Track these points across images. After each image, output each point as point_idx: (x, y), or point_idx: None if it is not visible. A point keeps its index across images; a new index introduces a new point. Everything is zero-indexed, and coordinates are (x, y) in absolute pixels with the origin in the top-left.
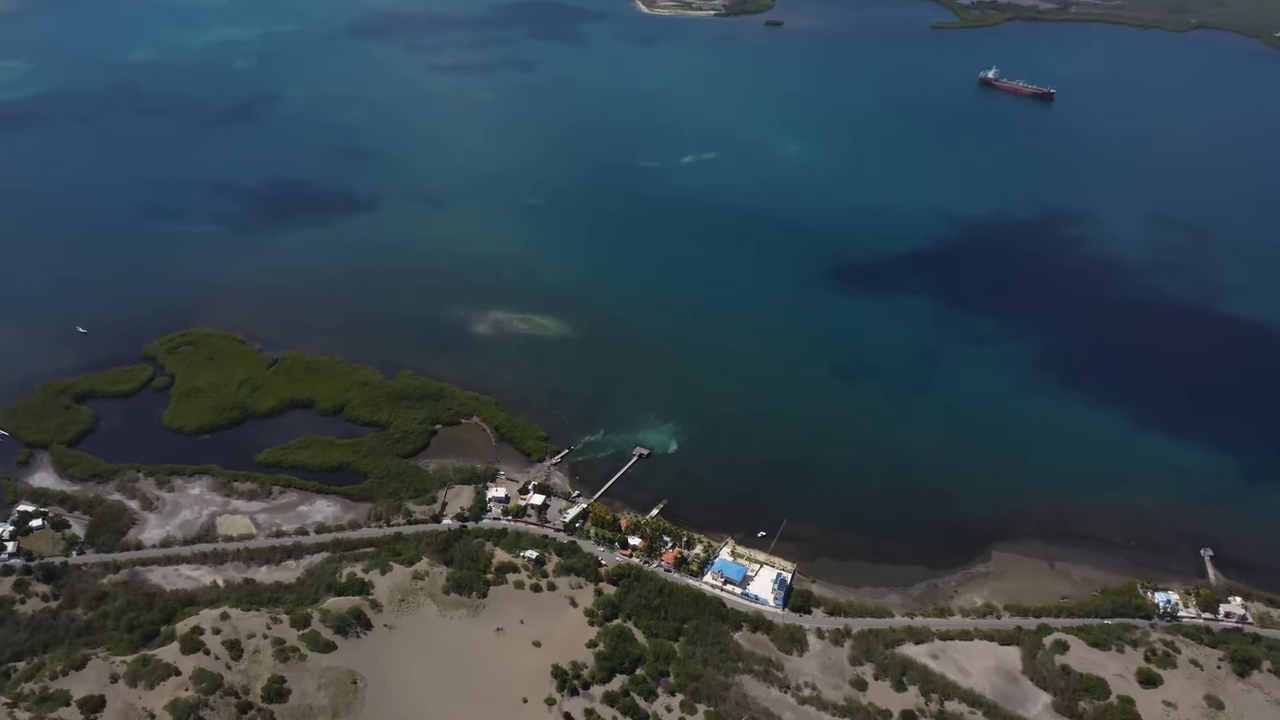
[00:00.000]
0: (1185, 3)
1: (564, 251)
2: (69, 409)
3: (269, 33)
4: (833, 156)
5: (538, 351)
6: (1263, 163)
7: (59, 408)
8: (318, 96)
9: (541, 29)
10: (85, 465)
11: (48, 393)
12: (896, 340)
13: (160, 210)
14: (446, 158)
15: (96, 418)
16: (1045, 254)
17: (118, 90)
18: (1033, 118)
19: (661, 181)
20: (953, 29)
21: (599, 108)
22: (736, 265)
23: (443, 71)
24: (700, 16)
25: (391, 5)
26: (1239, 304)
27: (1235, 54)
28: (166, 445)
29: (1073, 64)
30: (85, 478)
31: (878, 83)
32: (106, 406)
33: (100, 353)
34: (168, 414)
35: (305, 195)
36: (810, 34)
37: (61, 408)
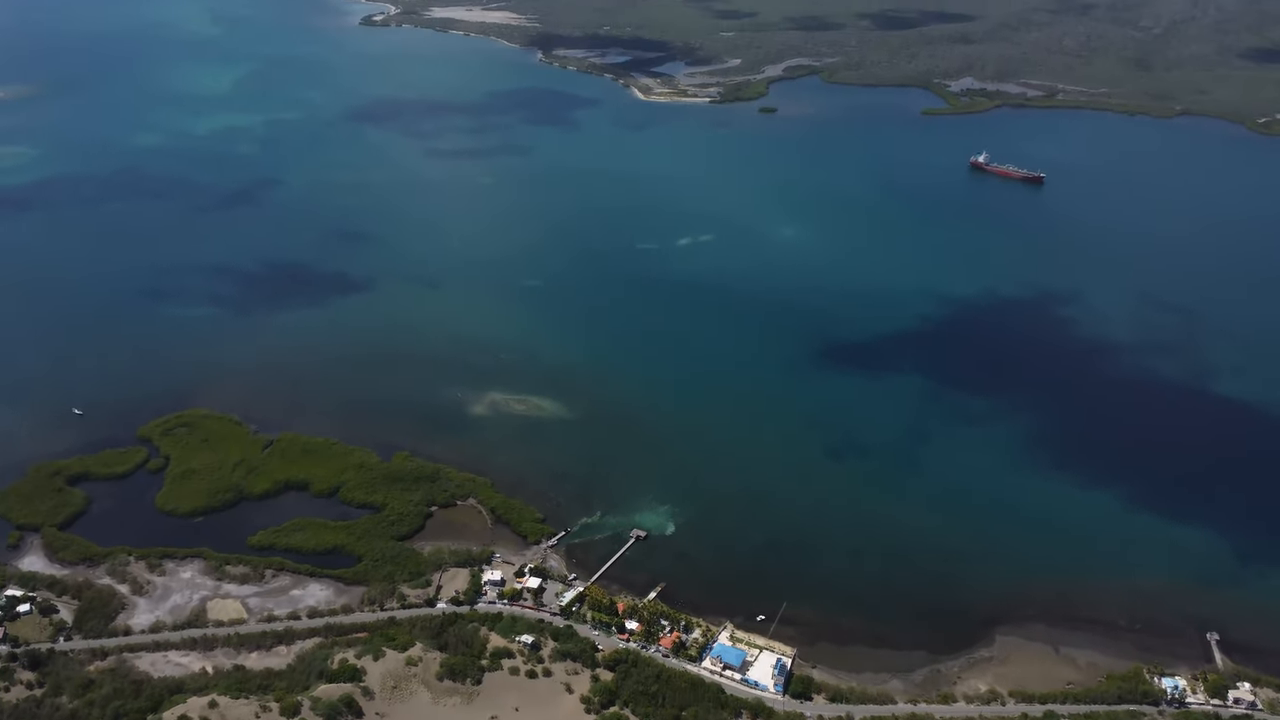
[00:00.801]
0: (1168, 90)
1: (561, 333)
2: (61, 491)
3: (272, 119)
4: (827, 239)
5: (535, 433)
6: (1251, 246)
7: (51, 490)
8: (316, 181)
9: (538, 115)
10: (76, 548)
11: (41, 475)
12: (891, 420)
13: (159, 292)
14: (443, 240)
15: (89, 500)
16: (1036, 334)
17: (121, 175)
18: (1023, 201)
19: (659, 263)
20: (943, 115)
21: (596, 191)
22: (733, 346)
23: (439, 156)
24: (695, 103)
25: (390, 92)
26: (1230, 384)
27: (1220, 140)
28: (159, 528)
29: (1062, 149)
30: (76, 561)
31: (870, 167)
32: (100, 489)
33: (96, 434)
34: (161, 496)
35: (302, 277)
36: (803, 120)
37: (54, 490)
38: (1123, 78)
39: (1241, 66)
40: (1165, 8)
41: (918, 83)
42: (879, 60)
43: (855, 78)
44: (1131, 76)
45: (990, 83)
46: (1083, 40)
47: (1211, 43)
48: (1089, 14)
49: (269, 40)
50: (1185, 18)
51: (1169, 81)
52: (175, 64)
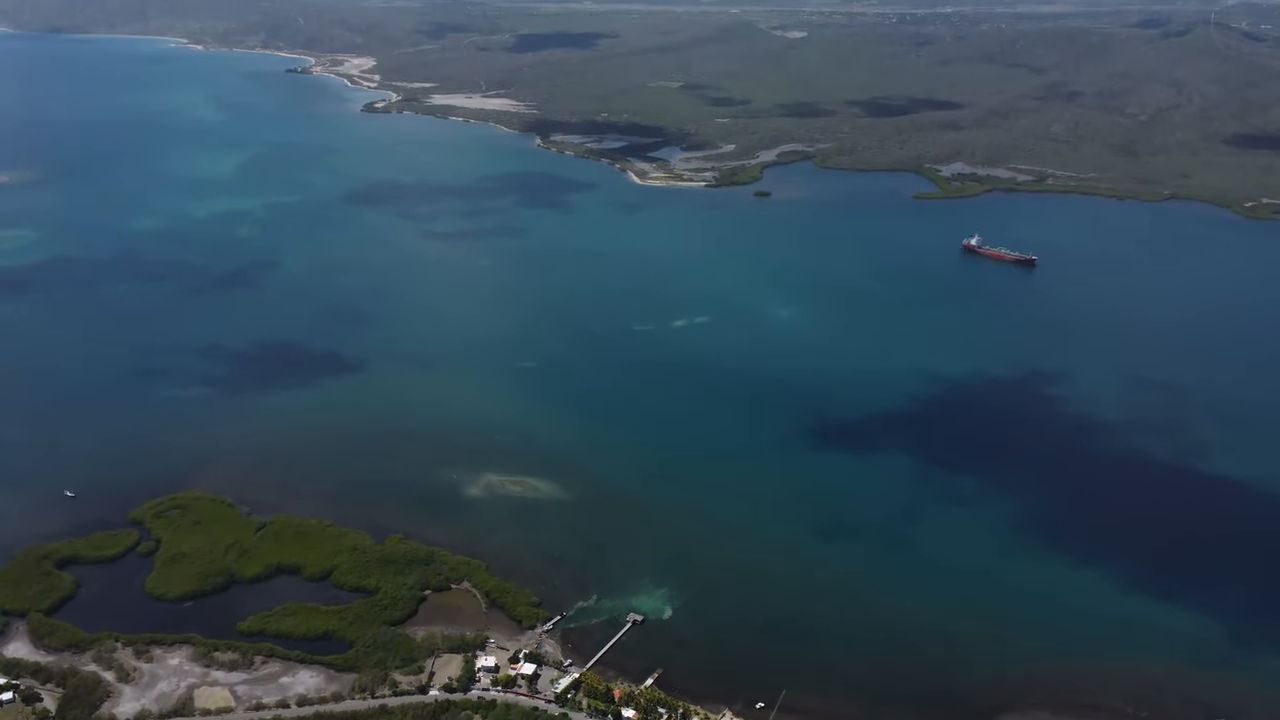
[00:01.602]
0: (1155, 175)
1: (557, 414)
2: (50, 575)
3: (272, 203)
4: (822, 320)
5: (530, 514)
6: (1240, 327)
7: (40, 574)
8: (313, 263)
9: (534, 198)
10: (62, 634)
11: (29, 558)
12: (885, 499)
13: (153, 373)
14: (438, 321)
15: (77, 584)
16: (1027, 414)
17: (119, 258)
18: (1015, 283)
19: (655, 345)
20: (934, 199)
21: (592, 273)
22: (729, 426)
23: (435, 238)
24: (691, 187)
25: (389, 176)
26: (1222, 463)
27: (1209, 223)
28: (149, 613)
29: (1053, 232)
30: (61, 648)
31: (864, 250)
32: (89, 572)
33: (87, 517)
34: (151, 580)
35: (297, 358)
36: (797, 204)
37: (42, 574)
38: (1111, 163)
39: (1226, 152)
40: (1150, 96)
41: (909, 167)
42: (870, 146)
43: (848, 163)
44: (1119, 162)
45: (981, 167)
46: (1070, 127)
47: (1196, 129)
48: (1075, 101)
49: (272, 126)
50: (1170, 105)
51: (1156, 166)
52: (178, 150)
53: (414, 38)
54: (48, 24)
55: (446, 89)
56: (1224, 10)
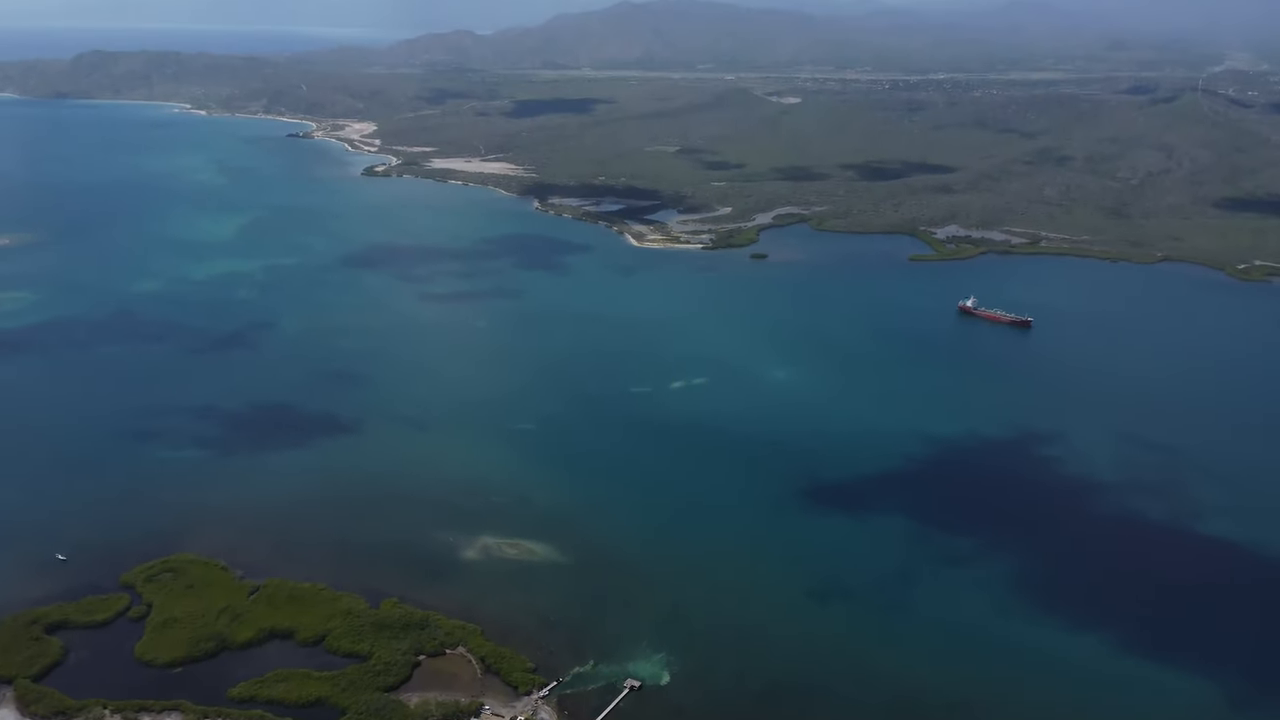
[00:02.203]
0: (1147, 237)
1: (554, 475)
2: (38, 640)
3: (271, 265)
4: (819, 381)
5: (527, 578)
6: (1235, 387)
7: (28, 639)
8: (310, 324)
9: (532, 260)
10: (49, 702)
11: (18, 624)
12: (881, 560)
13: (147, 435)
14: (434, 382)
15: (66, 650)
16: (1023, 474)
17: (116, 318)
18: (1011, 344)
19: (653, 406)
20: (929, 261)
21: (589, 334)
22: (726, 487)
23: (432, 300)
24: (688, 249)
25: (388, 239)
26: (1218, 524)
27: (1202, 285)
28: (138, 679)
29: (1048, 294)
30: (48, 715)
31: (861, 311)
32: (78, 638)
33: (78, 580)
34: (141, 645)
35: (292, 419)
36: (794, 266)
37: (31, 639)
38: (1103, 225)
39: (1216, 215)
40: (1141, 160)
41: (904, 230)
42: (865, 209)
43: (843, 225)
44: (1111, 224)
45: (975, 230)
46: (1063, 190)
47: (1186, 193)
48: (1067, 165)
49: (273, 190)
50: (1160, 169)
51: (1148, 229)
52: (179, 212)
53: (414, 103)
54: (54, 90)
55: (446, 153)
56: (1211, 77)
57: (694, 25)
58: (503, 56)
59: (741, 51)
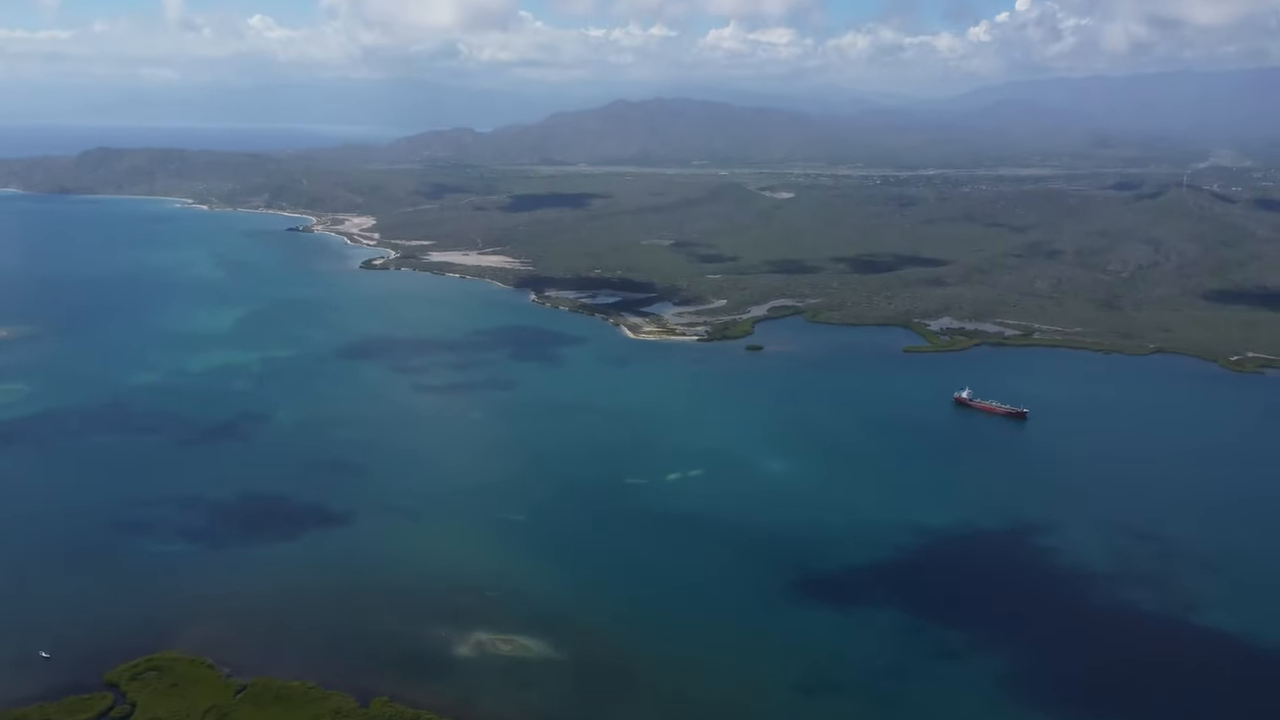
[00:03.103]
0: (1138, 329)
1: (549, 569)
2: None
3: (267, 357)
4: (814, 473)
5: (521, 674)
6: (1231, 479)
7: None
8: (304, 415)
9: (526, 351)
10: None
11: None
12: (874, 654)
13: (135, 527)
14: (428, 473)
15: None
16: (1018, 566)
17: (109, 410)
18: (1006, 436)
19: (648, 498)
20: (924, 353)
21: (584, 426)
22: (722, 580)
23: (426, 391)
24: (683, 341)
25: (384, 331)
26: (1213, 616)
27: (1196, 376)
28: None
29: (1043, 385)
30: None
31: (856, 403)
32: None
33: (60, 679)
34: None
35: (282, 511)
36: (789, 358)
37: None
38: (1095, 317)
39: (1206, 307)
40: (1130, 253)
41: (898, 322)
42: (859, 301)
43: (838, 317)
44: (1103, 316)
45: (968, 322)
46: (1054, 283)
47: (1176, 285)
48: (1057, 258)
49: (271, 283)
50: (1149, 262)
51: (1139, 321)
52: (177, 306)
53: (413, 198)
54: (58, 185)
55: (444, 246)
56: (1195, 174)
57: (688, 123)
58: (501, 153)
59: (735, 148)
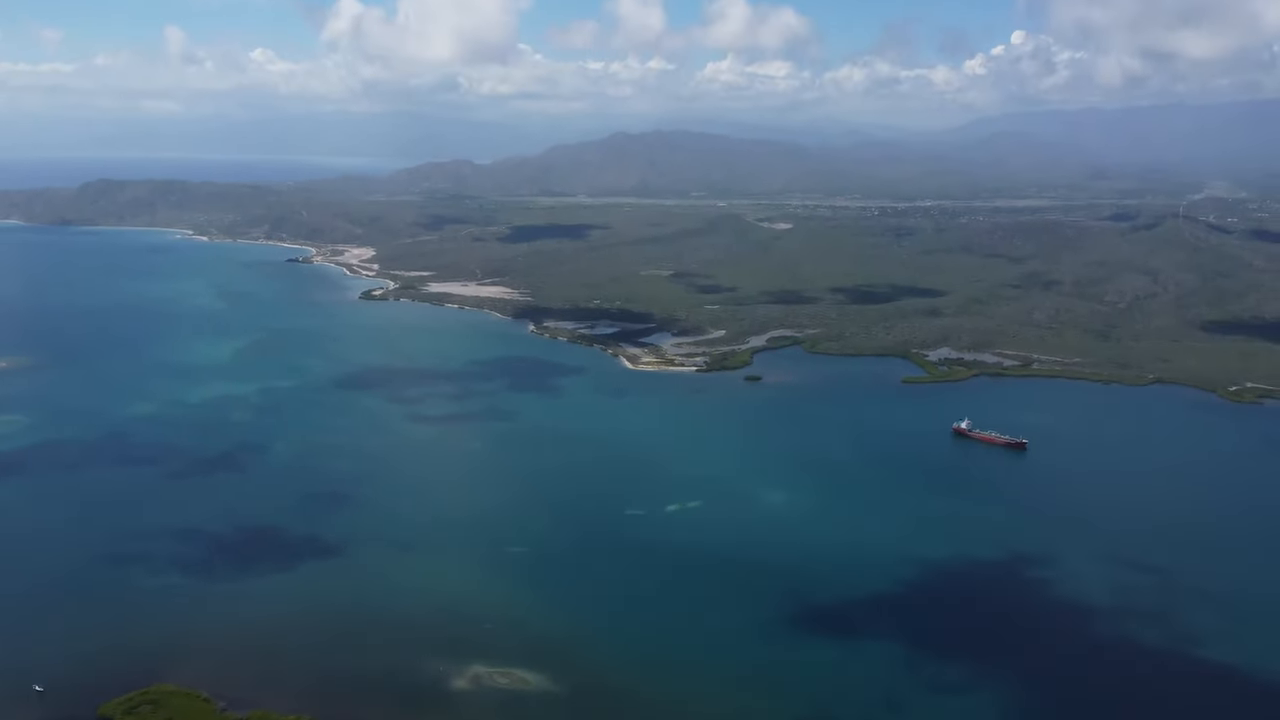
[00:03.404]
0: (1137, 359)
1: (547, 601)
2: None
3: (266, 388)
4: (813, 504)
5: (519, 708)
6: (1229, 509)
7: None
8: (302, 446)
9: (525, 381)
10: None
11: None
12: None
13: (130, 559)
14: (426, 504)
15: None
16: (1016, 598)
17: (107, 441)
18: (1006, 467)
19: (648, 529)
20: (922, 384)
21: (583, 457)
22: (721, 612)
23: (424, 421)
24: (682, 372)
25: (382, 361)
26: (1216, 649)
27: (1195, 407)
28: None
29: (1042, 416)
30: None
31: (855, 434)
32: None
33: (55, 713)
34: None
35: (279, 541)
36: (788, 388)
37: None
38: (1093, 348)
39: (1204, 338)
40: (1127, 284)
41: (896, 352)
42: (857, 331)
43: (836, 348)
44: (1101, 347)
45: (967, 352)
46: (1052, 313)
47: (1173, 315)
48: (1054, 289)
49: (271, 314)
50: (1147, 293)
51: (1137, 351)
52: (177, 336)
53: (413, 229)
54: (59, 217)
55: (443, 277)
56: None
57: (687, 155)
58: (501, 185)
59: (734, 180)
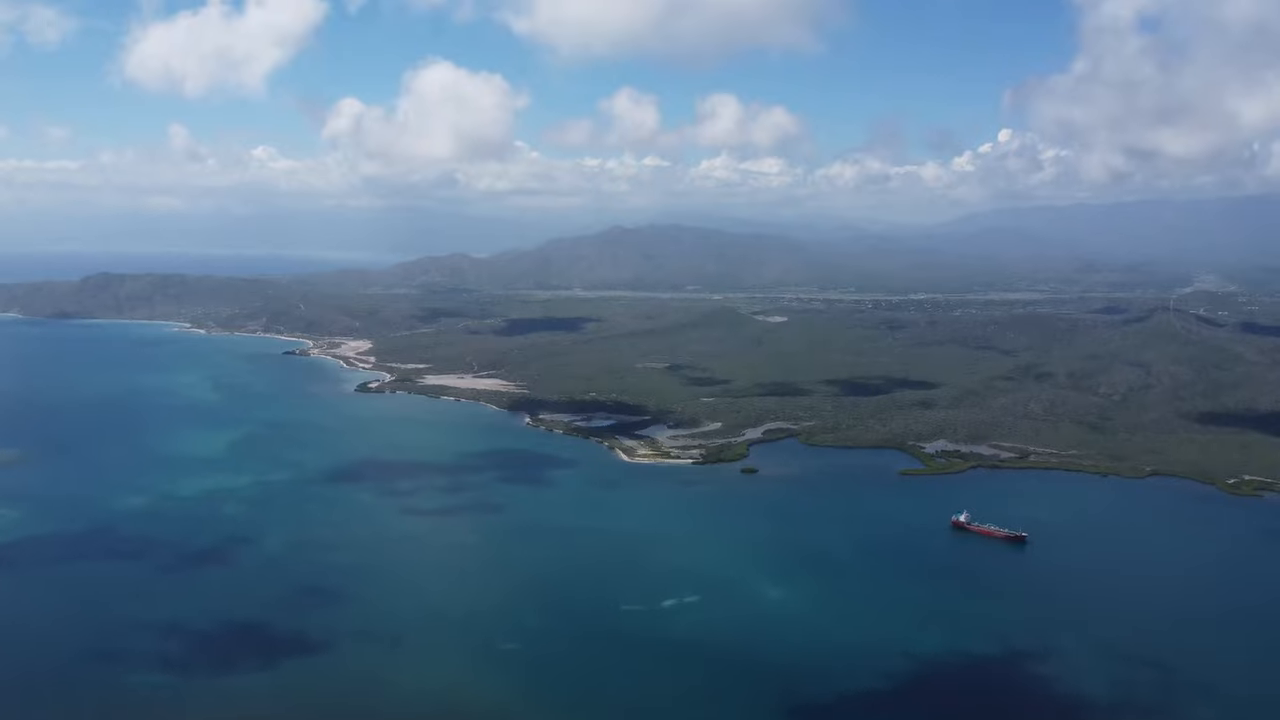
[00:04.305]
0: (1133, 451)
1: (542, 700)
2: None
3: (259, 480)
4: (812, 599)
5: None
6: (1233, 603)
7: None
8: (291, 539)
9: (520, 474)
10: None
11: None
12: None
13: (109, 656)
14: (415, 599)
15: None
16: (1016, 694)
17: (95, 535)
18: (1006, 560)
19: (644, 624)
20: (920, 476)
21: (579, 550)
22: (718, 708)
23: (416, 514)
24: (678, 464)
25: (375, 453)
26: None
27: (1194, 499)
28: None
29: (1041, 508)
30: None
31: (853, 527)
32: None
33: None
34: None
35: (264, 638)
36: (785, 481)
37: None
38: (1090, 440)
39: (1200, 430)
40: (1121, 376)
41: (893, 444)
42: (854, 424)
43: (832, 439)
44: (1098, 439)
45: (964, 444)
46: (1047, 405)
47: (1169, 408)
48: (1048, 381)
49: (267, 406)
50: (1141, 385)
51: (1134, 443)
52: (172, 429)
53: (409, 322)
54: (58, 310)
55: (439, 370)
56: (1181, 298)
57: (682, 249)
58: (498, 278)
59: (728, 273)
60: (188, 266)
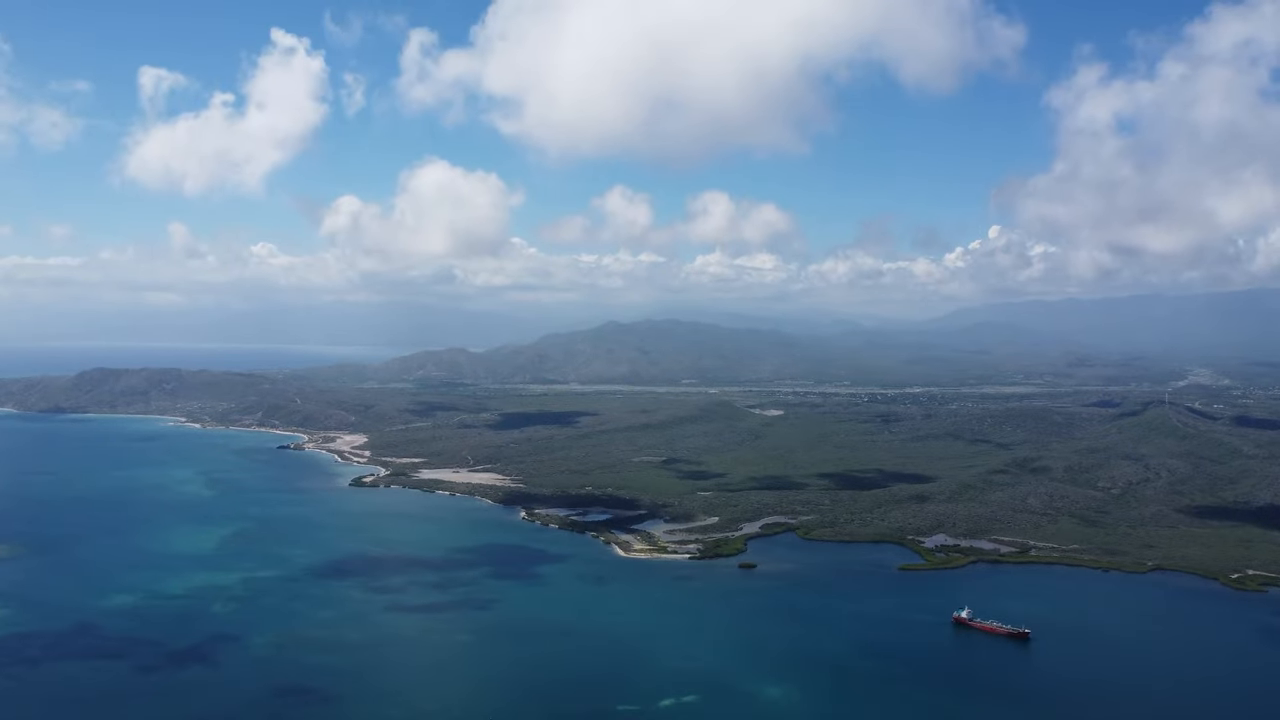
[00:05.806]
0: (1132, 546)
1: None
2: None
3: (248, 577)
4: (811, 700)
5: None
6: (1239, 702)
7: None
8: (278, 637)
9: (514, 569)
10: None
11: None
12: None
13: None
14: (401, 700)
15: None
16: None
17: (77, 634)
18: (1009, 658)
19: None
20: (919, 571)
21: (573, 647)
22: None
23: (404, 611)
24: (675, 559)
25: (366, 549)
26: None
27: (1198, 595)
28: None
29: (1044, 604)
30: None
31: (852, 624)
32: None
33: None
34: None
35: None
36: (783, 576)
37: None
38: (1090, 535)
39: (1201, 524)
40: (1118, 470)
41: (891, 539)
42: (851, 518)
43: (831, 534)
44: (1098, 534)
45: (963, 539)
46: (1046, 500)
47: (1169, 502)
48: (1047, 475)
49: (259, 502)
50: (1139, 479)
51: (1135, 538)
52: (163, 525)
53: (405, 416)
54: (53, 405)
55: (434, 464)
56: (1176, 391)
57: (678, 343)
58: (494, 372)
59: (724, 367)
60: (185, 361)
